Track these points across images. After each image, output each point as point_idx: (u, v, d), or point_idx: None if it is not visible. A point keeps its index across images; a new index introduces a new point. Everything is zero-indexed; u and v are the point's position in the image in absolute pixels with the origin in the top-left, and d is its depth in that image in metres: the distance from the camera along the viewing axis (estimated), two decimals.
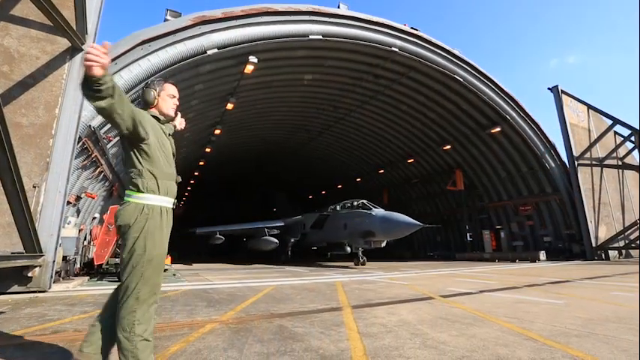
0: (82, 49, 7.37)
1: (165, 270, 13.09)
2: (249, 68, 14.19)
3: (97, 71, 1.70)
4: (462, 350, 2.74)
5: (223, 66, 14.02)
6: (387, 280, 8.45)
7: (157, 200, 2.16)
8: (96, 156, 10.71)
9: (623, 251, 19.15)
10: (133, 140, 2.11)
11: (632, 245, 18.49)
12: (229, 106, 16.93)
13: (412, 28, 16.58)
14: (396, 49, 16.09)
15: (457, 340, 3.05)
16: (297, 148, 28.75)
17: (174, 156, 2.38)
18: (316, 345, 2.88)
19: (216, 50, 12.38)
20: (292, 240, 22.27)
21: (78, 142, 8.37)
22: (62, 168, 6.73)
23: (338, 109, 21.54)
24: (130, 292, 2.00)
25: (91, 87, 1.75)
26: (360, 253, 15.70)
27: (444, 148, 22.70)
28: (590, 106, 21.57)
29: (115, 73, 10.18)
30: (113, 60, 10.06)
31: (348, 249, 17.69)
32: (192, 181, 33.00)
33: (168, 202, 2.23)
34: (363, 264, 15.34)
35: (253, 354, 2.64)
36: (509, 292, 6.16)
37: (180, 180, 2.39)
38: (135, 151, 2.15)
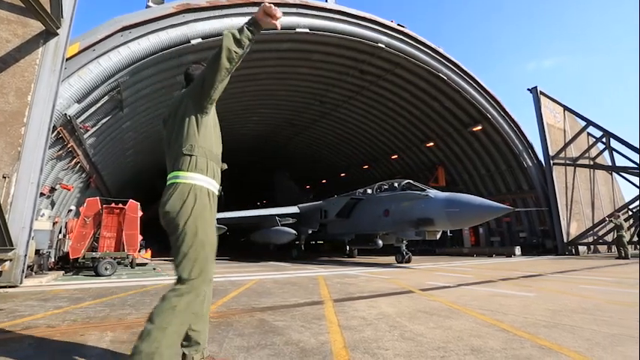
0: (57, 34, 7.06)
1: (145, 264, 12.86)
2: None
3: (275, 25, 1.93)
4: (438, 342, 2.83)
5: (208, 57, 13.57)
6: (368, 275, 8.58)
7: (204, 181, 2.01)
8: (72, 146, 10.35)
9: (592, 247, 20.10)
10: (205, 102, 2.02)
11: (600, 241, 19.44)
12: None
13: (399, 24, 16.68)
14: (383, 46, 16.17)
15: (434, 332, 3.14)
16: (284, 142, 28.63)
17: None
18: (296, 338, 2.90)
19: (200, 40, 12.11)
20: (309, 231, 17.45)
21: (52, 132, 8.06)
22: (35, 158, 6.47)
23: (324, 104, 21.52)
24: (182, 280, 1.88)
25: (253, 34, 1.92)
26: (405, 248, 12.79)
27: (427, 144, 23.09)
28: (566, 108, 22.36)
29: (93, 59, 9.82)
30: (91, 46, 9.69)
31: (380, 242, 14.65)
32: None
33: (215, 186, 2.10)
34: (408, 261, 12.54)
35: (233, 348, 2.64)
36: (485, 286, 6.37)
37: (226, 168, 2.31)
38: (197, 118, 2.02)
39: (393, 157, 26.10)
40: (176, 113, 2.09)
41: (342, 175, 32.70)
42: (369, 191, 14.98)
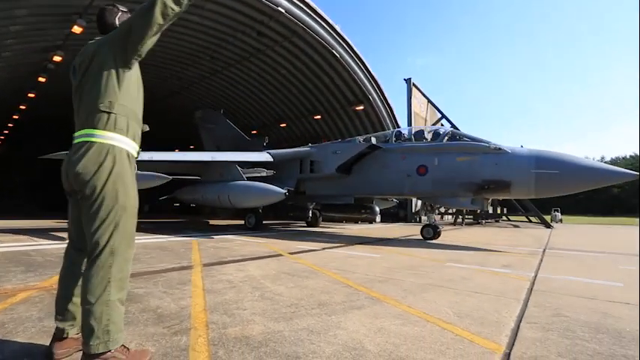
0: None
1: None
2: None
3: None
4: (293, 299, 3.24)
5: None
6: (243, 239, 8.81)
7: (124, 143, 1.84)
8: None
9: None
10: (130, 56, 1.83)
11: (437, 212, 24.59)
12: (77, 29, 13.51)
13: None
14: (283, 10, 15.71)
15: (291, 291, 3.57)
16: (166, 96, 25.49)
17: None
18: (155, 305, 2.90)
19: None
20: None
21: None
22: None
23: (215, 61, 19.92)
24: (102, 246, 1.73)
25: None
26: (435, 218, 10.33)
27: (315, 117, 24.12)
28: (429, 100, 26.46)
29: None
30: None
31: (377, 210, 12.29)
32: (15, 117, 25.70)
33: (134, 148, 1.93)
34: (438, 235, 10.12)
35: None
36: (344, 249, 7.37)
37: (148, 130, 2.14)
38: (119, 72, 1.84)
39: (281, 124, 26.40)
40: (90, 63, 1.87)
41: None
42: (374, 140, 11.16)
